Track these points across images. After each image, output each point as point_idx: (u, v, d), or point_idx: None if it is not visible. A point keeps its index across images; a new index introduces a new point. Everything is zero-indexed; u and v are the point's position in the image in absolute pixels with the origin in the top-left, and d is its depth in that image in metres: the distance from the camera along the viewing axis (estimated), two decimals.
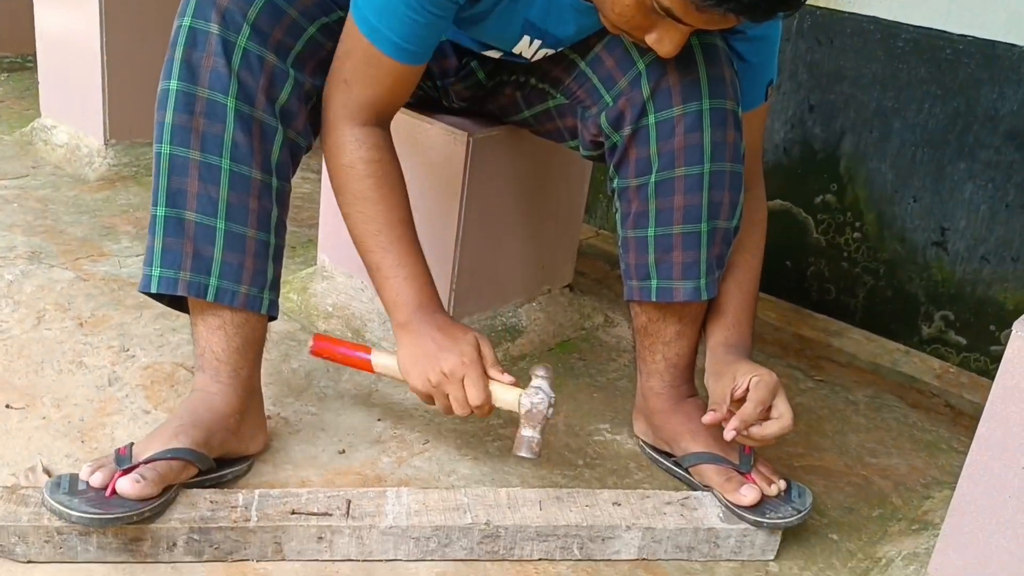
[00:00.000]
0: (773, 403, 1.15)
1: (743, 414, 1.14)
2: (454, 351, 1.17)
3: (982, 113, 1.73)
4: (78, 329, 1.56)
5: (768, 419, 1.16)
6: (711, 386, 1.22)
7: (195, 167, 1.15)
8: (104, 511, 1.03)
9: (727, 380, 1.18)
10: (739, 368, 1.18)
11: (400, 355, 1.22)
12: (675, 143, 1.19)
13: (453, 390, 1.17)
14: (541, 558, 1.17)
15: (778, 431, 1.15)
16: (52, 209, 2.04)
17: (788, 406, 1.16)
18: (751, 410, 1.14)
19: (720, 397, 1.18)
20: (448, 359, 1.17)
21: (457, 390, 1.17)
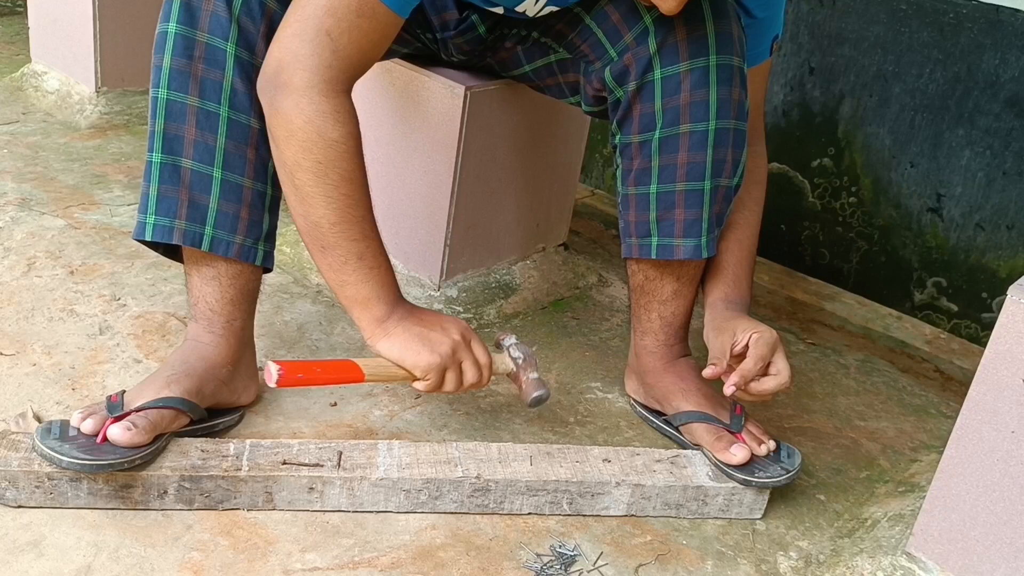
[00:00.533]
0: (772, 359, 1.16)
1: (743, 370, 1.14)
2: (447, 324, 1.15)
3: (983, 79, 1.72)
4: (69, 277, 1.55)
5: (767, 375, 1.16)
6: (711, 341, 1.22)
7: (193, 113, 1.13)
8: (95, 457, 1.03)
9: (727, 335, 1.18)
10: (739, 324, 1.19)
11: (393, 346, 1.12)
12: (681, 99, 1.17)
13: (465, 356, 1.14)
14: (531, 512, 1.18)
15: (775, 387, 1.15)
16: (43, 156, 2.02)
17: (787, 363, 1.16)
18: (751, 366, 1.14)
19: (720, 352, 1.18)
20: (449, 328, 1.15)
21: (468, 356, 1.15)
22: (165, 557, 1.03)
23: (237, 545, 1.07)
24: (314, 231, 1.09)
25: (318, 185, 1.07)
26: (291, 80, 1.04)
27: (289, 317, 1.53)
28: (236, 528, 1.09)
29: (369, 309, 1.13)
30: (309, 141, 1.05)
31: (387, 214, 1.62)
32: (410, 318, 1.15)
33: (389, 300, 1.14)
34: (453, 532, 1.13)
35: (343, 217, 1.09)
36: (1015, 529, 1.01)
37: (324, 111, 1.05)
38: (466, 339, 1.16)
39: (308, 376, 1.09)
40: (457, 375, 1.14)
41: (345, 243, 1.10)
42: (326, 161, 1.06)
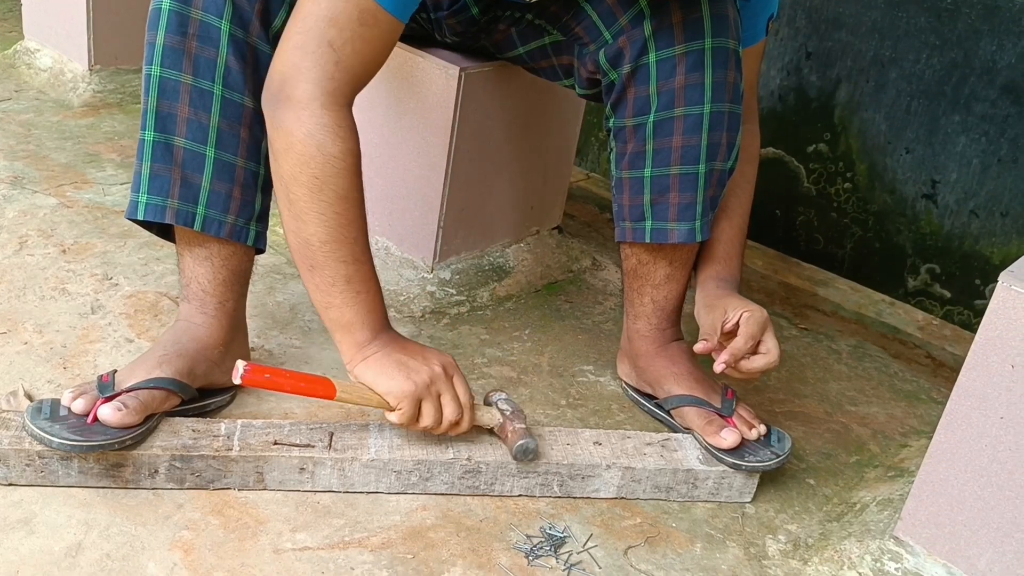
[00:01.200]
0: (762, 338, 1.16)
1: (733, 348, 1.15)
2: (430, 355, 1.13)
3: (979, 65, 1.72)
4: (61, 256, 1.55)
5: (756, 354, 1.17)
6: (701, 318, 1.23)
7: (186, 91, 1.12)
8: (85, 438, 1.03)
9: (718, 313, 1.19)
10: (730, 302, 1.19)
11: (368, 370, 1.09)
12: (676, 82, 1.17)
13: (446, 389, 1.11)
14: (521, 494, 1.18)
15: (764, 366, 1.16)
16: (35, 134, 2.00)
17: (776, 343, 1.17)
18: (741, 344, 1.15)
19: (711, 329, 1.19)
20: (430, 359, 1.12)
21: (448, 389, 1.11)
22: (155, 535, 1.04)
23: (228, 524, 1.07)
24: (304, 249, 1.07)
25: (313, 201, 1.04)
26: (293, 93, 1.03)
27: (282, 298, 1.53)
28: (227, 507, 1.09)
29: (352, 333, 1.10)
30: (307, 155, 1.03)
31: (380, 195, 1.62)
32: (392, 345, 1.11)
33: (373, 327, 1.10)
34: (443, 513, 1.14)
35: (334, 236, 1.06)
36: (1002, 514, 1.01)
37: (325, 125, 1.03)
38: (448, 373, 1.11)
39: (275, 379, 1.05)
40: (435, 408, 1.10)
41: (334, 264, 1.07)
42: (323, 177, 1.04)
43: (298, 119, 1.03)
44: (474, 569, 1.06)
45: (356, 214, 1.07)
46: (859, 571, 1.11)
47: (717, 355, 1.16)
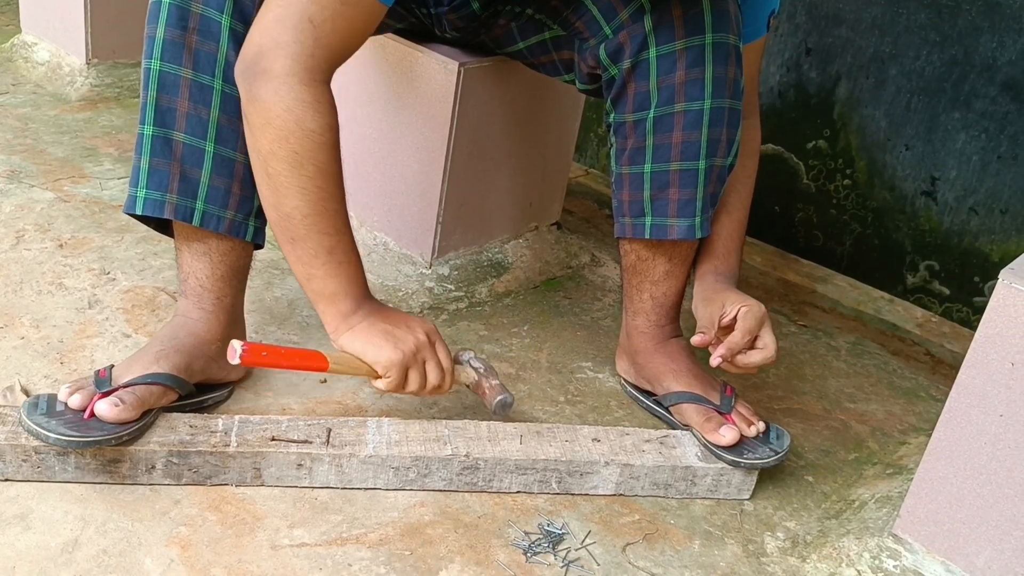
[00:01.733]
0: (759, 333, 1.17)
1: (730, 342, 1.15)
2: (413, 323, 1.14)
3: (980, 62, 1.71)
4: (58, 250, 1.54)
5: (753, 349, 1.17)
6: (699, 311, 1.23)
7: (186, 86, 1.12)
8: (82, 434, 1.03)
9: (716, 307, 1.19)
10: (728, 296, 1.20)
11: (355, 340, 1.11)
12: (676, 78, 1.16)
13: (430, 356, 1.13)
14: (519, 491, 1.18)
15: (761, 361, 1.17)
16: (32, 128, 2.00)
17: (773, 338, 1.17)
18: (738, 339, 1.15)
19: (708, 322, 1.19)
20: (414, 327, 1.13)
21: (432, 356, 1.13)
22: (153, 531, 1.03)
23: (225, 520, 1.07)
24: (285, 222, 1.06)
25: (292, 176, 1.04)
26: (271, 67, 1.01)
27: (279, 293, 1.53)
28: (224, 503, 1.09)
29: (335, 304, 1.11)
30: (286, 130, 1.02)
31: (379, 191, 1.62)
32: (376, 315, 1.13)
33: (356, 296, 1.11)
34: (442, 509, 1.13)
35: (316, 210, 1.06)
36: (1001, 512, 1.01)
37: (304, 100, 1.02)
38: (431, 340, 1.14)
39: (272, 356, 1.07)
40: (420, 375, 1.12)
41: (316, 236, 1.07)
42: (302, 152, 1.03)
43: (276, 93, 1.01)
44: (472, 566, 1.06)
45: (336, 187, 1.07)
46: (857, 568, 1.10)
47: (714, 349, 1.16)
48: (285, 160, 1.03)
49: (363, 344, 1.10)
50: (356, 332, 1.11)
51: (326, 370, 1.09)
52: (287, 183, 1.04)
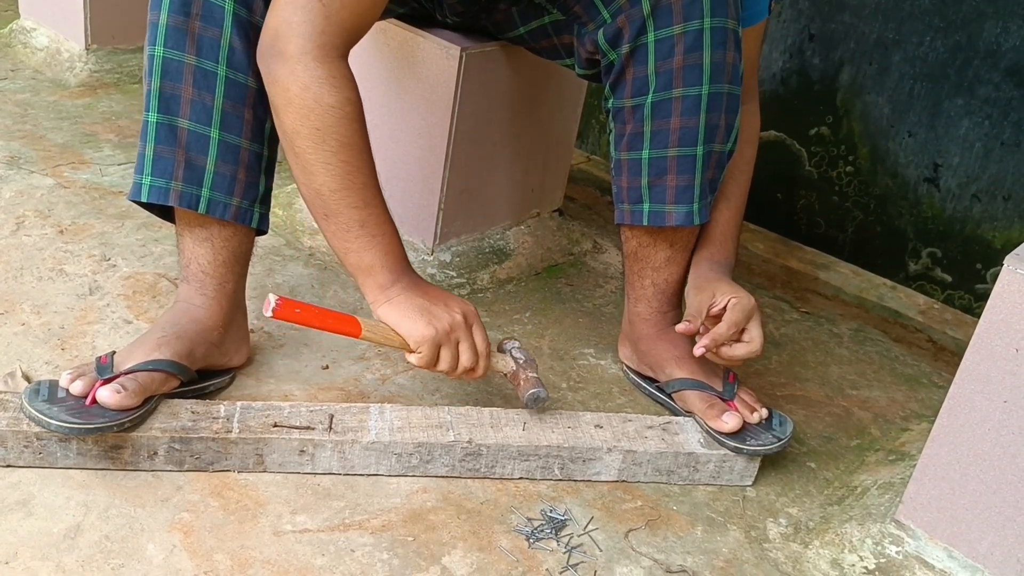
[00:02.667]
0: (747, 327, 1.17)
1: (716, 333, 1.16)
2: (452, 302, 1.15)
3: (983, 48, 1.71)
4: (58, 237, 1.54)
5: (739, 342, 1.17)
6: (690, 298, 1.23)
7: (190, 72, 1.11)
8: (83, 420, 1.02)
9: (706, 296, 1.19)
10: (720, 287, 1.20)
11: (391, 312, 1.12)
12: (674, 63, 1.16)
13: (465, 337, 1.13)
14: (522, 477, 1.18)
15: (745, 354, 1.17)
16: (32, 114, 1.99)
17: (760, 332, 1.18)
18: (724, 330, 1.16)
19: (697, 311, 1.20)
20: (452, 306, 1.14)
21: (467, 337, 1.13)
22: (155, 517, 1.03)
23: (227, 506, 1.06)
24: (316, 199, 1.08)
25: (317, 152, 1.06)
26: (286, 48, 1.03)
27: (281, 279, 1.52)
28: (226, 489, 1.09)
29: (372, 276, 1.12)
30: (306, 108, 1.04)
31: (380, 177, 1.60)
32: (414, 289, 1.14)
33: (393, 268, 1.13)
34: (444, 496, 1.13)
35: (343, 184, 1.08)
36: (1004, 498, 1.01)
37: (319, 77, 1.04)
38: (468, 321, 1.14)
39: (305, 314, 1.08)
40: (452, 354, 1.13)
41: (346, 210, 1.09)
42: (323, 127, 1.05)
43: (292, 73, 1.04)
44: (475, 552, 1.06)
45: (362, 160, 1.08)
46: (860, 554, 1.11)
47: (699, 338, 1.16)
48: (308, 137, 1.05)
49: (398, 317, 1.11)
50: (393, 304, 1.12)
51: (358, 336, 1.10)
52: (312, 160, 1.06)
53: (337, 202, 1.08)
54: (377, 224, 1.11)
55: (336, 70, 1.05)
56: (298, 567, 1.00)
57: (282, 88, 1.04)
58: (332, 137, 1.06)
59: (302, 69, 1.03)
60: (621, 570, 1.07)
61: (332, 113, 1.05)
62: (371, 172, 1.10)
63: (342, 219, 1.09)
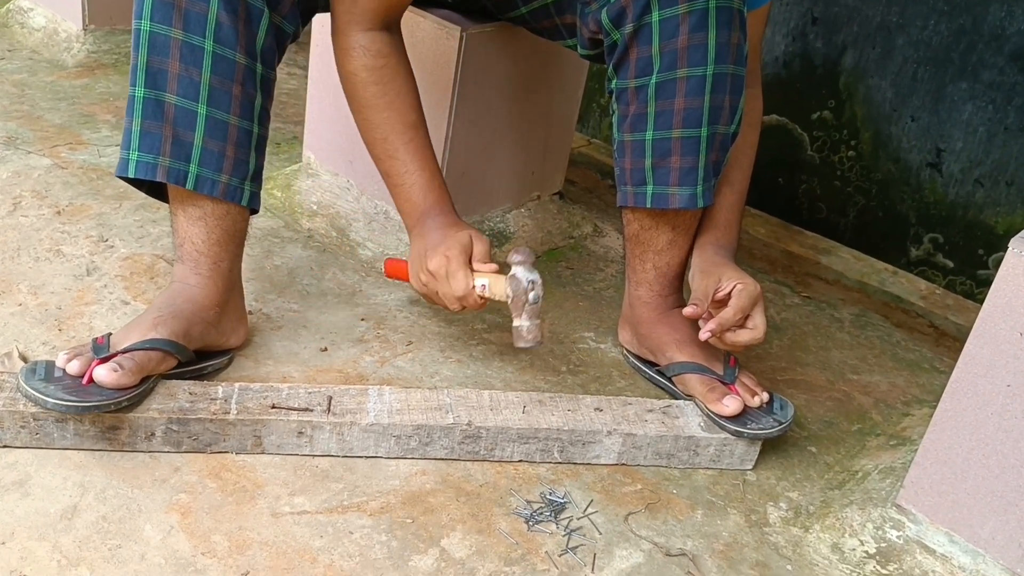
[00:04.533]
0: (751, 313, 1.17)
1: (722, 318, 1.16)
2: (440, 249, 1.18)
3: (988, 32, 1.69)
4: (55, 217, 1.52)
5: (743, 328, 1.17)
6: (695, 282, 1.22)
7: (176, 47, 1.10)
8: (81, 399, 1.02)
9: (712, 280, 1.19)
10: (725, 272, 1.19)
11: (410, 254, 1.26)
12: (679, 43, 1.14)
13: (440, 286, 1.19)
14: (521, 460, 1.17)
15: (748, 341, 1.17)
16: (29, 94, 1.97)
17: (764, 319, 1.18)
18: (730, 316, 1.16)
19: (703, 295, 1.19)
20: (433, 257, 1.18)
21: (444, 286, 1.18)
22: (152, 498, 1.03)
23: (225, 488, 1.06)
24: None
25: (352, 112, 1.26)
26: (335, 21, 1.23)
27: (279, 261, 1.51)
28: (224, 471, 1.08)
29: (404, 221, 1.29)
30: (339, 73, 1.25)
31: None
32: (422, 238, 1.23)
33: (411, 214, 1.26)
34: (443, 478, 1.13)
35: (368, 139, 1.26)
36: (1006, 483, 1.01)
37: (343, 47, 1.22)
38: (450, 260, 1.17)
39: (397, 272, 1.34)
40: (438, 301, 1.23)
41: (376, 162, 1.27)
42: (346, 91, 1.25)
43: (335, 44, 1.24)
44: (473, 534, 1.05)
45: (380, 119, 1.23)
46: (860, 539, 1.10)
47: (704, 323, 1.16)
48: (347, 98, 1.26)
49: (409, 262, 1.27)
50: (411, 246, 1.27)
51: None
52: (353, 118, 1.26)
53: (370, 154, 1.27)
54: (398, 174, 1.25)
55: (357, 41, 1.21)
56: (296, 549, 1.00)
57: (335, 56, 1.25)
58: (353, 100, 1.24)
59: (338, 38, 1.23)
60: (620, 553, 1.06)
61: (350, 79, 1.23)
62: (392, 128, 1.23)
63: (377, 168, 1.28)
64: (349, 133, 1.62)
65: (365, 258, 1.55)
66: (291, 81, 2.27)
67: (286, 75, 2.29)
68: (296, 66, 2.36)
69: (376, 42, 1.21)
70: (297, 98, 2.16)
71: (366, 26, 1.21)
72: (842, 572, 1.08)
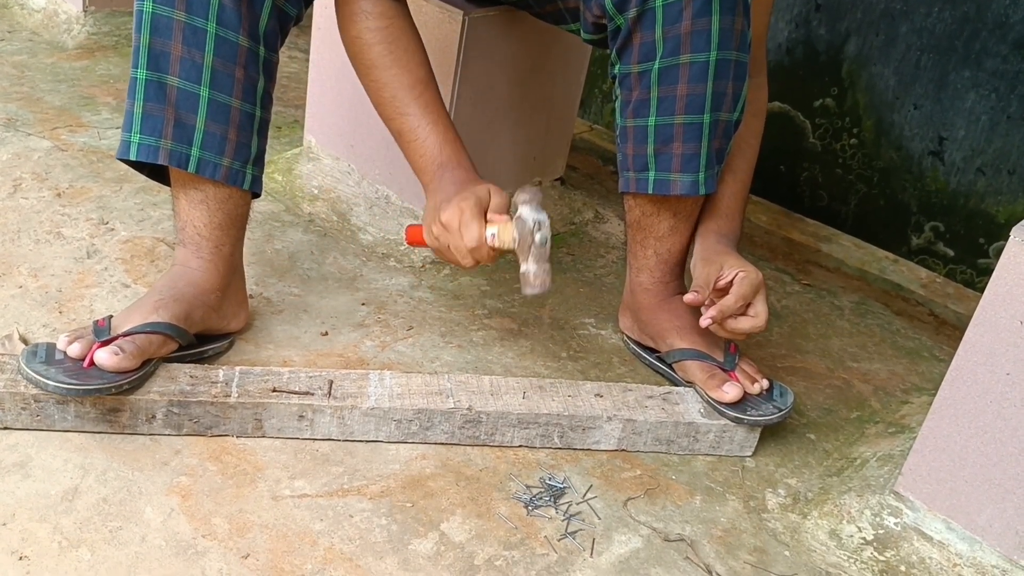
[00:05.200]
0: (752, 301, 1.17)
1: (723, 305, 1.15)
2: (454, 202, 1.14)
3: (992, 19, 1.68)
4: (56, 200, 1.52)
5: (744, 316, 1.17)
6: (697, 270, 1.22)
7: (179, 28, 1.09)
8: (81, 382, 1.02)
9: (714, 268, 1.19)
10: (727, 259, 1.19)
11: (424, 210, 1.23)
12: (682, 28, 1.14)
13: (453, 239, 1.14)
14: (521, 445, 1.17)
15: (750, 328, 1.17)
16: (29, 76, 1.97)
17: (765, 307, 1.17)
18: (731, 303, 1.15)
19: (704, 282, 1.19)
20: (447, 208, 1.14)
21: (456, 239, 1.13)
22: (153, 481, 1.03)
23: (226, 470, 1.06)
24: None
25: (359, 78, 1.26)
26: None
27: (280, 245, 1.51)
28: (225, 454, 1.08)
29: (420, 179, 1.26)
30: (343, 38, 1.25)
31: (380, 143, 1.59)
32: (437, 193, 1.20)
33: (426, 171, 1.23)
34: (443, 462, 1.13)
35: (377, 100, 1.25)
36: (1004, 471, 1.01)
37: (347, 13, 1.23)
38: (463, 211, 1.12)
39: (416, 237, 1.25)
40: (450, 256, 1.17)
41: (387, 123, 1.25)
42: (352, 56, 1.25)
43: (338, 11, 1.25)
44: (473, 518, 1.06)
45: (388, 77, 1.22)
46: (858, 525, 1.11)
47: (706, 310, 1.16)
48: (353, 65, 1.26)
49: (423, 217, 1.23)
50: (427, 203, 1.23)
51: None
52: (361, 83, 1.26)
53: (380, 115, 1.26)
54: (411, 131, 1.23)
55: (362, 7, 1.21)
56: (296, 531, 1.00)
57: (338, 25, 1.26)
58: (359, 62, 1.24)
59: (338, 7, 1.24)
60: (619, 538, 1.07)
61: (355, 43, 1.23)
62: (400, 85, 1.22)
63: (388, 128, 1.26)
64: (351, 117, 1.62)
65: (366, 243, 1.55)
66: (292, 64, 2.26)
67: (287, 58, 2.28)
68: (297, 49, 2.35)
69: (380, 5, 1.21)
70: (298, 81, 2.16)
71: None
72: (839, 558, 1.09)
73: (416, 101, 1.22)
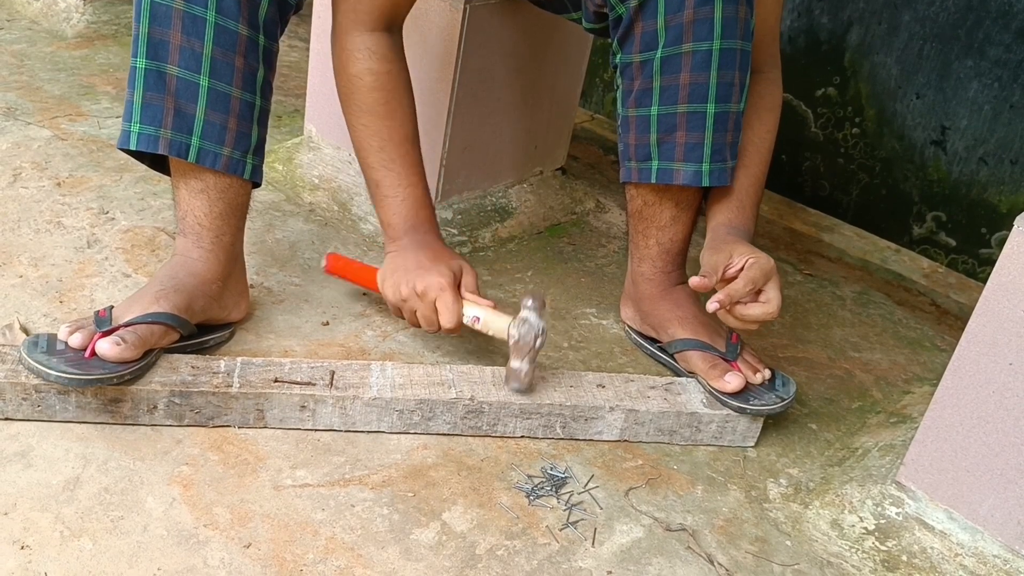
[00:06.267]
0: (764, 287, 1.12)
1: (731, 289, 1.10)
2: (433, 271, 1.18)
3: (995, 8, 1.68)
4: (56, 189, 1.52)
5: (755, 302, 1.12)
6: (705, 258, 1.17)
7: (178, 17, 1.09)
8: (83, 372, 1.02)
9: (723, 256, 1.14)
10: (737, 248, 1.15)
11: (385, 268, 1.24)
12: (684, 17, 1.13)
13: (422, 307, 1.18)
14: (523, 435, 1.17)
15: (760, 315, 1.11)
16: (28, 65, 1.96)
17: (778, 294, 1.12)
18: (740, 286, 1.10)
19: (712, 269, 1.14)
20: (425, 277, 1.18)
21: (427, 309, 1.18)
22: (154, 470, 1.03)
23: (227, 460, 1.06)
24: (356, 155, 1.26)
25: (347, 114, 1.23)
26: (335, 20, 1.22)
27: (281, 235, 1.51)
28: (226, 444, 1.08)
29: (385, 232, 1.26)
30: (336, 72, 1.23)
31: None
32: (408, 251, 1.22)
33: (398, 227, 1.24)
34: (445, 452, 1.13)
35: (362, 145, 1.23)
36: (1006, 461, 1.01)
37: (347, 49, 1.20)
38: (430, 296, 1.17)
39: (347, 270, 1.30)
40: (411, 318, 1.21)
41: (366, 169, 1.24)
42: (346, 93, 1.22)
43: (335, 44, 1.22)
44: (475, 508, 1.06)
45: (381, 125, 1.22)
46: (860, 515, 1.11)
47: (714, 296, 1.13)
48: (342, 99, 1.24)
49: (384, 273, 1.24)
50: (389, 259, 1.24)
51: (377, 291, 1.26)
52: (346, 120, 1.24)
53: (361, 161, 1.25)
54: (390, 186, 1.23)
55: (371, 43, 1.20)
56: (298, 521, 1.00)
57: (333, 55, 1.23)
58: (352, 103, 1.22)
59: (338, 42, 1.22)
60: (621, 528, 1.07)
61: (353, 82, 1.21)
62: (391, 136, 1.22)
63: (367, 176, 1.25)
64: None
65: (367, 232, 1.55)
66: (292, 53, 2.25)
67: (287, 47, 2.27)
68: (297, 38, 2.34)
69: (381, 45, 1.21)
70: (299, 71, 2.15)
71: (370, 27, 1.20)
72: (841, 548, 1.09)
73: (403, 158, 1.23)
